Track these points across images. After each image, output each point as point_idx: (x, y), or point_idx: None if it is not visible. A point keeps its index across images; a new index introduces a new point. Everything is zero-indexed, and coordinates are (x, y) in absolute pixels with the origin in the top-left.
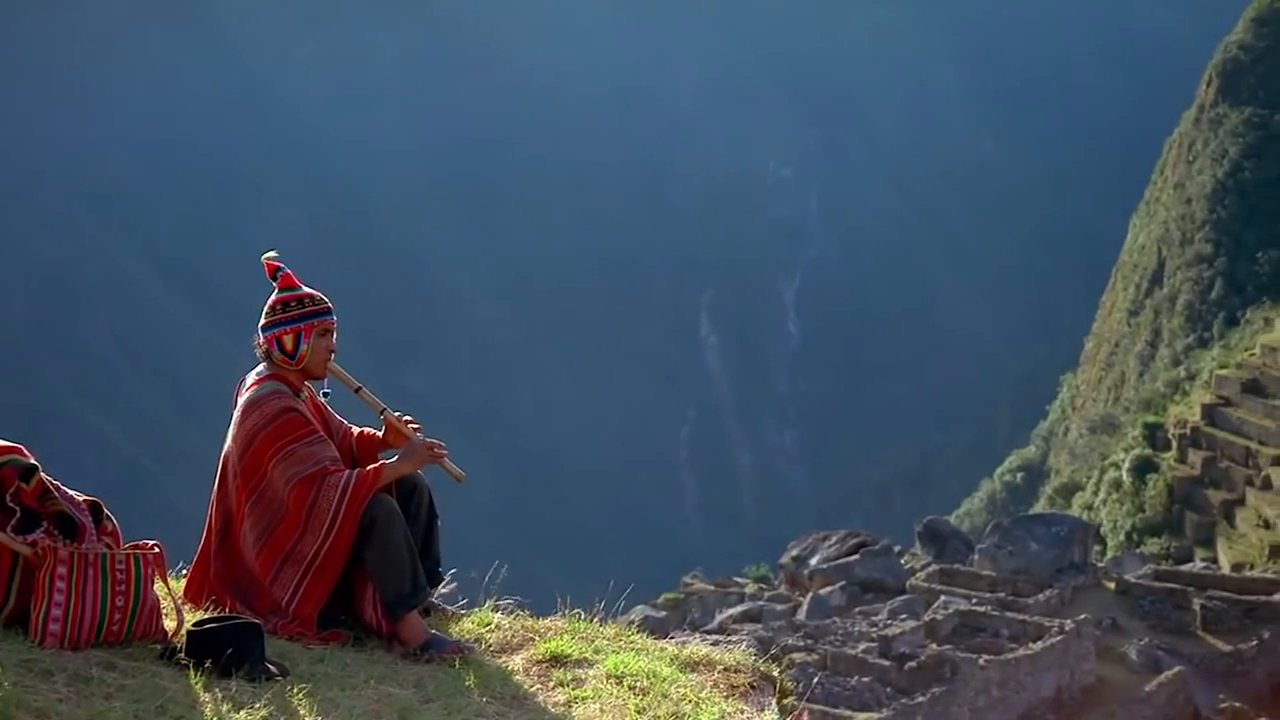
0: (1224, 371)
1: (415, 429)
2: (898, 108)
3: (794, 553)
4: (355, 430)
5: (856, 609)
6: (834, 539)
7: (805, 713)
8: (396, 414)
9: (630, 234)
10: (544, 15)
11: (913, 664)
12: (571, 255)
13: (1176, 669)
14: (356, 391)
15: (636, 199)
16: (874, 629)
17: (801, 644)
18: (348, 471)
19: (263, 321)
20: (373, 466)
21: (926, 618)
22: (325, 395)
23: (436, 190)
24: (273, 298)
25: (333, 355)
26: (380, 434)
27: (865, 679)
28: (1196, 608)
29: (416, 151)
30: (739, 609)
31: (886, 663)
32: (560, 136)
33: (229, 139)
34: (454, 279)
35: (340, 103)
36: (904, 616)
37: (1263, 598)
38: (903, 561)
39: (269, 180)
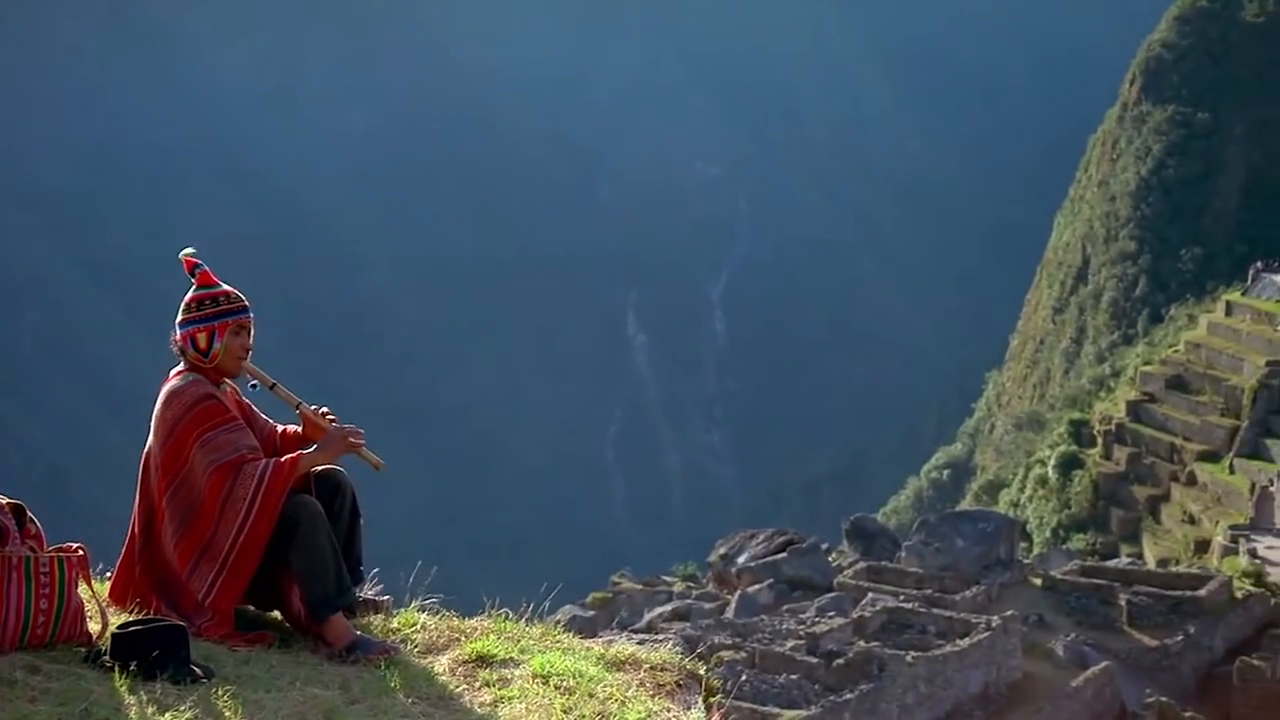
0: (1148, 368)
1: (331, 420)
2: (826, 107)
3: (722, 551)
4: (280, 429)
5: (784, 607)
6: (762, 537)
7: (718, 713)
8: (313, 407)
9: (559, 233)
10: (474, 14)
11: (840, 661)
12: (501, 255)
13: (1103, 664)
14: (272, 388)
15: (565, 198)
16: (802, 626)
17: (729, 642)
18: (265, 460)
19: (178, 318)
20: (289, 456)
21: (854, 615)
22: (254, 387)
23: (367, 189)
24: (189, 295)
25: (248, 354)
26: (302, 432)
27: (793, 676)
28: (1122, 603)
29: (346, 150)
30: (667, 608)
31: (814, 660)
32: (490, 135)
33: (157, 138)
34: (383, 278)
35: (269, 102)
36: (832, 614)
37: (1188, 593)
38: (830, 559)
39: (198, 180)
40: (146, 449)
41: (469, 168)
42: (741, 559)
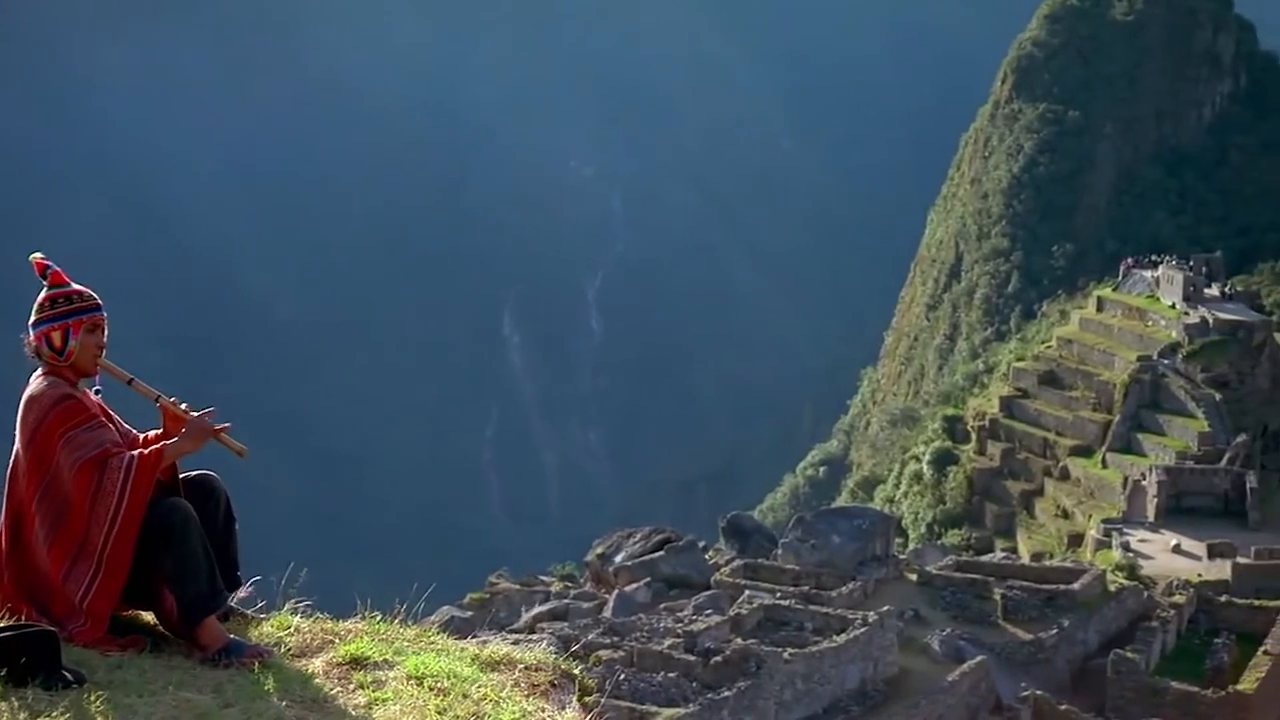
0: (1021, 364)
1: (192, 413)
2: (699, 107)
3: (599, 550)
4: (143, 436)
5: (662, 605)
6: (639, 536)
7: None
8: (171, 399)
9: (433, 234)
10: (347, 18)
11: (718, 659)
12: (374, 256)
13: (978, 658)
14: (129, 383)
15: (439, 199)
16: (679, 625)
17: (607, 641)
18: (129, 454)
19: (32, 319)
20: (153, 448)
21: (731, 613)
22: (98, 392)
23: (239, 193)
24: (41, 295)
25: (103, 351)
26: (163, 431)
27: (671, 675)
28: (997, 598)
29: (219, 155)
30: (545, 607)
31: (692, 658)
32: (363, 138)
33: (30, 144)
34: (256, 280)
35: (143, 107)
36: (709, 612)
37: (1062, 587)
38: (707, 557)
39: (71, 185)
40: (13, 453)
41: (342, 169)
42: (619, 558)
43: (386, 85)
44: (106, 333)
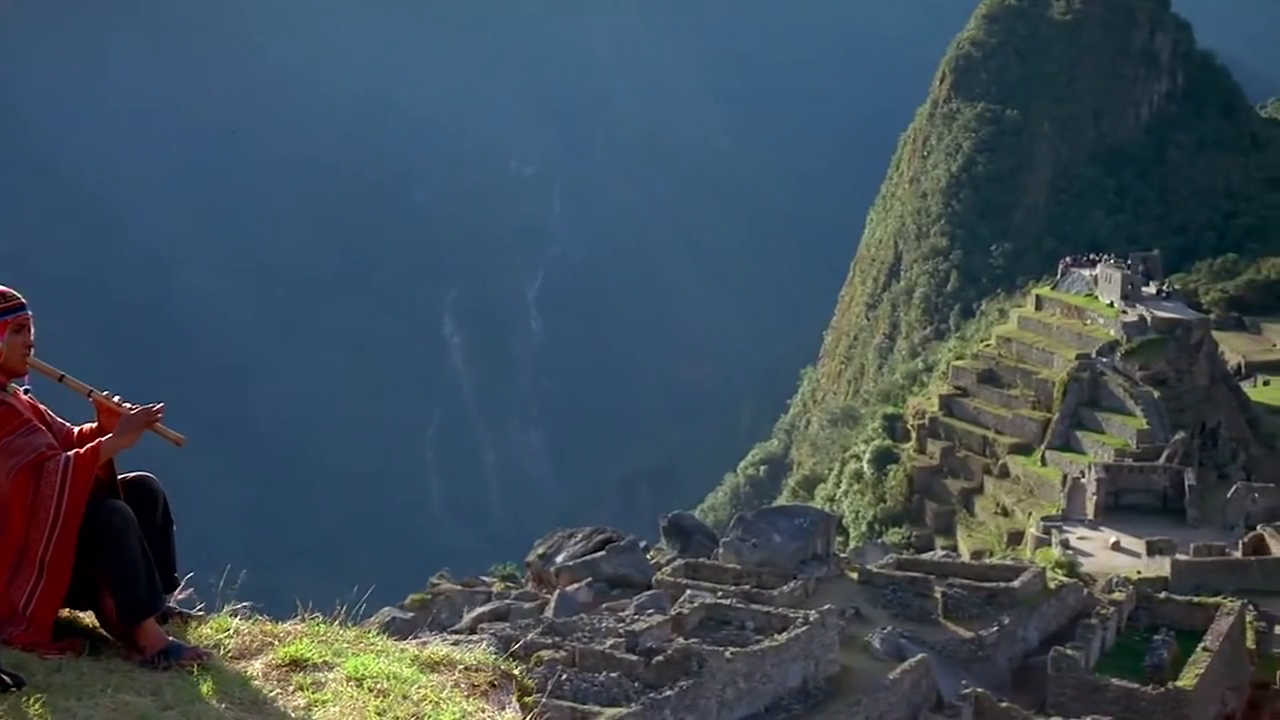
0: (960, 363)
1: (126, 406)
2: (638, 107)
3: (540, 550)
4: (76, 429)
5: (603, 605)
6: (580, 536)
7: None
8: (104, 393)
9: (373, 234)
10: (287, 18)
11: (660, 658)
12: (314, 256)
13: (919, 656)
14: (60, 380)
15: (379, 199)
16: (621, 624)
17: (549, 641)
18: (65, 455)
19: None
20: (89, 446)
21: (673, 612)
22: (27, 391)
23: (178, 191)
24: None
25: (30, 350)
26: (98, 426)
27: (613, 674)
28: (938, 595)
29: (157, 153)
30: (486, 608)
31: (634, 658)
32: (303, 137)
33: None
34: (196, 280)
35: (81, 105)
36: (651, 611)
37: (1002, 584)
38: (649, 557)
39: (7, 182)
40: None
41: (282, 170)
42: (560, 558)
43: (327, 85)
44: (33, 331)
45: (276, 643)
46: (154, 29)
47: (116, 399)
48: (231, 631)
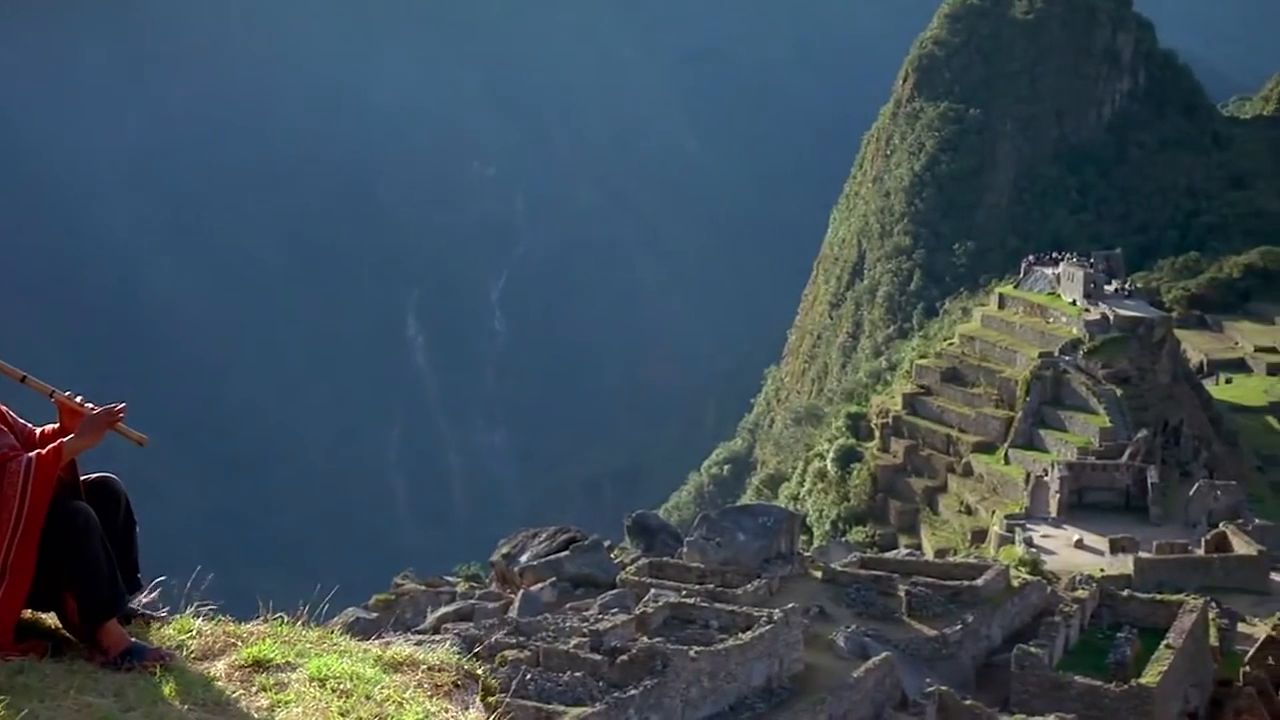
0: (924, 361)
1: (88, 406)
2: (603, 107)
3: (504, 550)
4: (38, 430)
5: (568, 604)
6: (544, 536)
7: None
8: (67, 394)
9: (337, 235)
10: (252, 15)
11: (624, 658)
12: (278, 257)
13: (883, 654)
14: (22, 380)
15: (343, 199)
16: (585, 624)
17: (513, 641)
18: (27, 456)
19: None
20: (51, 446)
21: (637, 611)
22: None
23: (141, 192)
24: None
25: None
26: (60, 426)
27: (577, 674)
28: (902, 594)
29: (121, 153)
30: (450, 608)
31: (598, 657)
32: (267, 137)
33: None
34: (160, 281)
35: (44, 106)
36: (615, 611)
37: (966, 582)
38: (613, 556)
39: None
40: None
41: (245, 169)
42: (524, 558)
43: (291, 84)
44: None
45: (239, 643)
46: (120, 27)
47: (79, 399)
48: (194, 632)
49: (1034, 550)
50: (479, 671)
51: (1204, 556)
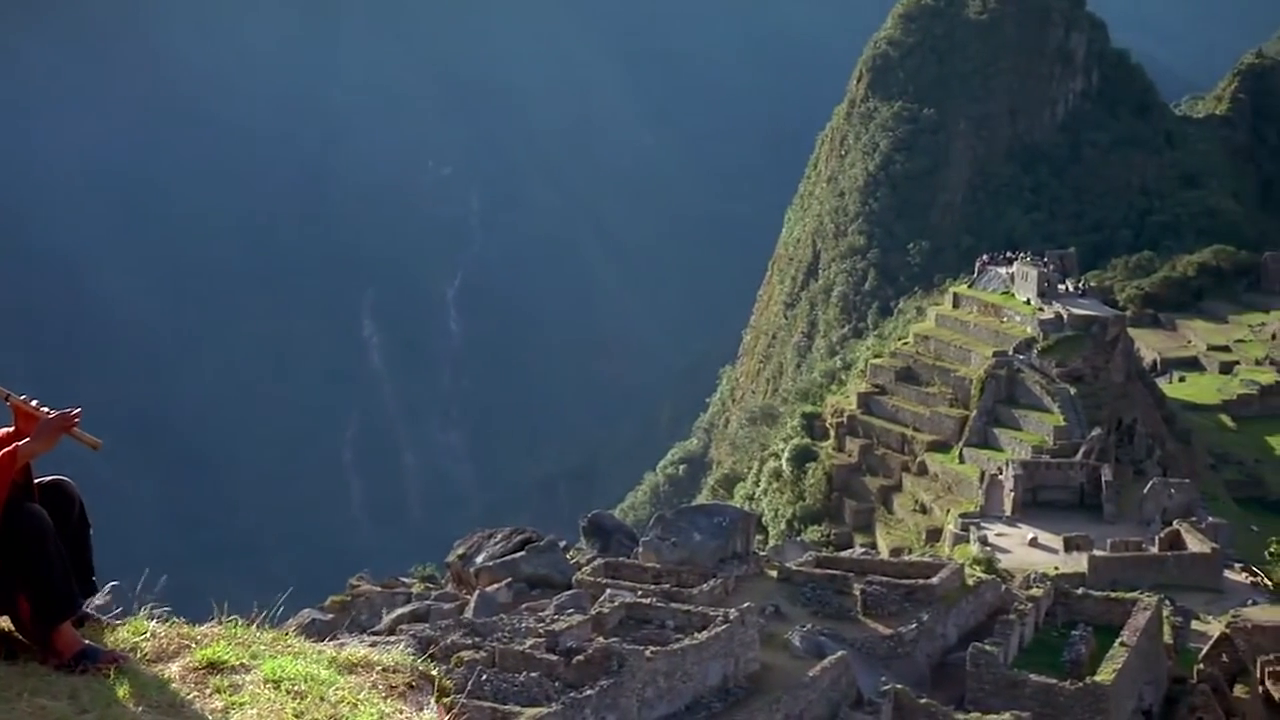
0: (879, 361)
1: (43, 410)
2: (557, 106)
3: (460, 551)
4: None
5: (523, 605)
6: (499, 536)
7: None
8: (21, 397)
9: (290, 235)
10: (201, 18)
11: (580, 658)
12: (231, 257)
13: (839, 654)
14: None
15: (296, 200)
16: (541, 624)
17: (469, 642)
18: None
19: None
20: (5, 450)
21: (593, 611)
22: None
23: (92, 193)
24: None
25: None
26: (15, 430)
27: (533, 674)
28: (857, 593)
29: (71, 155)
30: (407, 609)
31: (554, 658)
32: (220, 138)
33: None
34: (112, 282)
35: None
36: (570, 611)
37: (921, 581)
38: (569, 556)
39: None
40: None
41: (196, 169)
42: (480, 558)
43: (242, 85)
44: None
45: (193, 645)
46: (67, 30)
47: (34, 403)
48: (148, 634)
49: (989, 549)
50: (434, 673)
51: (1158, 554)
